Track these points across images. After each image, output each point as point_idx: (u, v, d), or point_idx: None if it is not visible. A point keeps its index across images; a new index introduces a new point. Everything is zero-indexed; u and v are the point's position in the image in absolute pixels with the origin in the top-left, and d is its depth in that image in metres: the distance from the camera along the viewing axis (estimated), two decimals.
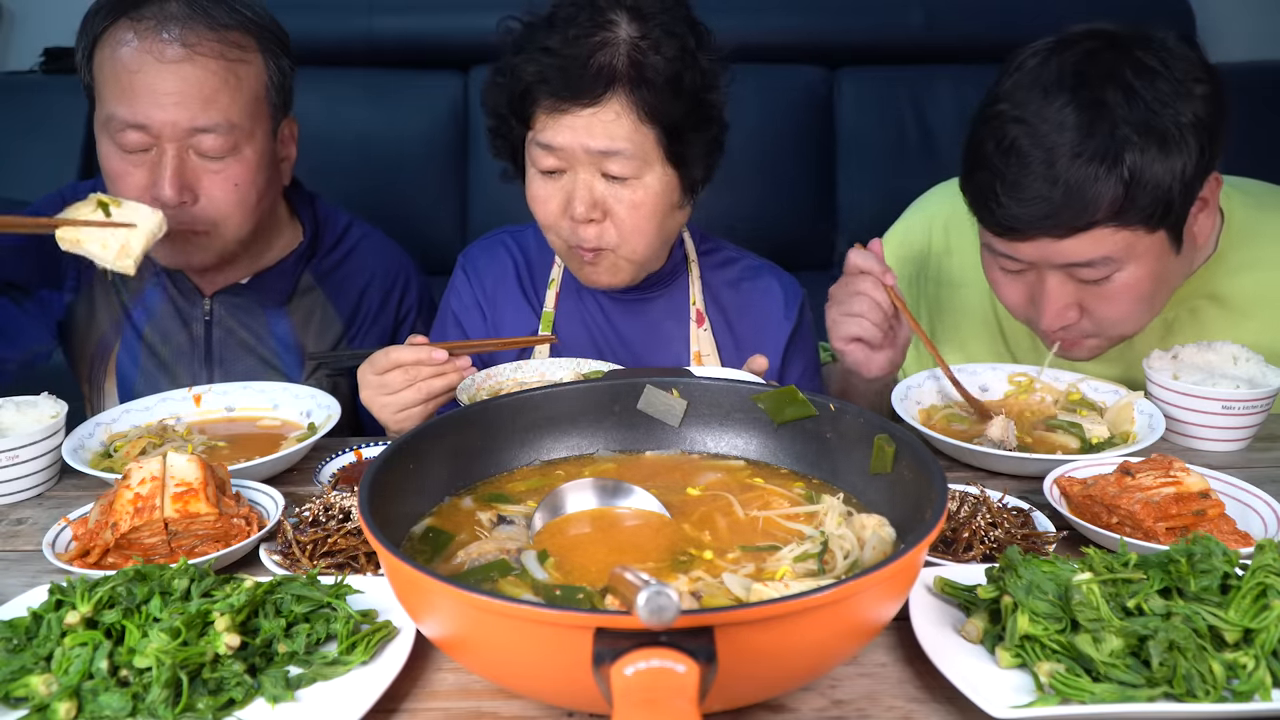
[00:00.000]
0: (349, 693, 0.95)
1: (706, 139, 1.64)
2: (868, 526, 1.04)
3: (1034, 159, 1.44)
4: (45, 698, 0.92)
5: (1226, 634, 0.95)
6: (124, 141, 1.64)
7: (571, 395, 1.24)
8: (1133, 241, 1.47)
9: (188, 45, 1.62)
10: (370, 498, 0.96)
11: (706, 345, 1.81)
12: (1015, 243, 1.51)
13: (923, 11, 3.65)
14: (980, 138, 1.51)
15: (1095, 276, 1.51)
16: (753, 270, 1.88)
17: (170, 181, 1.64)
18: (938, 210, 1.91)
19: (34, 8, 3.96)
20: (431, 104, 3.61)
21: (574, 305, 1.83)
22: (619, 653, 0.74)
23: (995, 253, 1.57)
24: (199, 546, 1.21)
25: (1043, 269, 1.54)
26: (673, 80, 1.55)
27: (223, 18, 1.67)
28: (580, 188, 1.60)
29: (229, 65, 1.66)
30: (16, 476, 1.41)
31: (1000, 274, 1.61)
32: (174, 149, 1.64)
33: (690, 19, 1.61)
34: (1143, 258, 1.49)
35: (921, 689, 0.99)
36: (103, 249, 1.51)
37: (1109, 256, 1.48)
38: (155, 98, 1.62)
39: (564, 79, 1.53)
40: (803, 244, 3.56)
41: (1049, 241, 1.48)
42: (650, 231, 1.64)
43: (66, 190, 1.89)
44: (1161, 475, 1.25)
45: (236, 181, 1.70)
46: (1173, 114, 1.42)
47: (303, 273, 1.91)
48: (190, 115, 1.63)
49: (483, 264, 1.89)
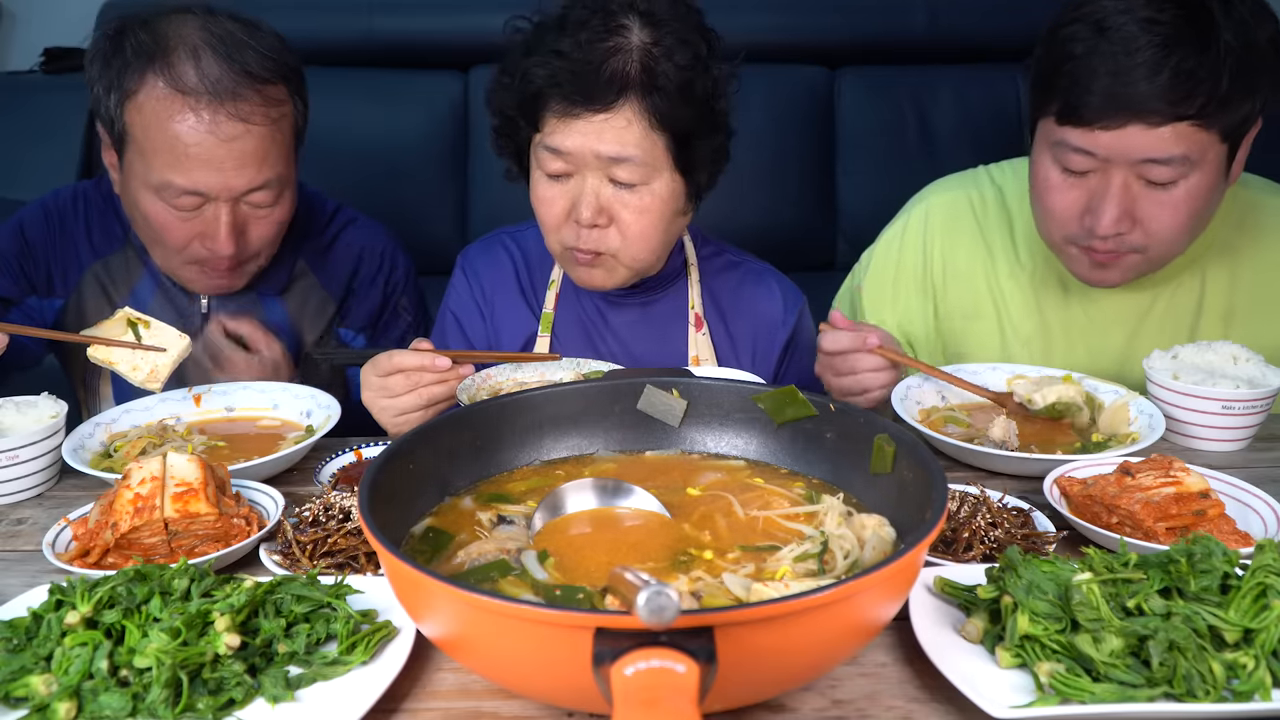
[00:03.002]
0: (349, 693, 0.95)
1: (714, 145, 1.64)
2: (868, 526, 1.04)
3: (1140, 45, 1.48)
4: (45, 698, 0.92)
5: (1226, 634, 0.95)
6: (178, 204, 1.67)
7: (571, 395, 1.24)
8: (1207, 146, 1.52)
9: (243, 117, 1.63)
10: (370, 498, 0.96)
11: (704, 349, 1.80)
12: (1099, 133, 1.53)
13: (924, 11, 3.65)
14: (1070, 35, 1.54)
15: (1166, 178, 1.54)
16: (754, 274, 1.88)
17: (228, 239, 1.68)
18: (935, 204, 1.91)
19: (34, 8, 3.96)
20: (431, 104, 3.60)
21: (573, 307, 1.83)
22: (619, 653, 0.74)
23: (1067, 149, 1.58)
24: (199, 546, 1.21)
25: (1111, 169, 1.56)
26: (684, 88, 1.55)
27: (258, 68, 1.65)
28: (587, 192, 1.59)
29: (274, 124, 1.68)
30: (16, 476, 1.41)
31: (1059, 178, 1.62)
32: (228, 206, 1.67)
33: (702, 26, 1.61)
34: (1208, 167, 1.54)
35: (921, 689, 0.99)
36: (133, 370, 1.54)
37: (1186, 155, 1.52)
38: (212, 166, 1.63)
39: (576, 84, 1.53)
40: (803, 244, 3.56)
41: (1138, 130, 1.51)
42: (653, 237, 1.64)
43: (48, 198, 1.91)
44: (1161, 475, 1.25)
45: (279, 220, 1.76)
46: (1262, 29, 1.50)
47: (296, 260, 1.93)
48: (247, 179, 1.66)
49: (481, 265, 1.89)
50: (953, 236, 1.89)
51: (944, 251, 1.89)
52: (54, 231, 1.88)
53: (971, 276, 1.87)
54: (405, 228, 3.53)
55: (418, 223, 3.56)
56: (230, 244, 1.69)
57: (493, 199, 3.57)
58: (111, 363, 1.53)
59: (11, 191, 3.22)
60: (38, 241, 1.88)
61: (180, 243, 1.70)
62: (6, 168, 3.42)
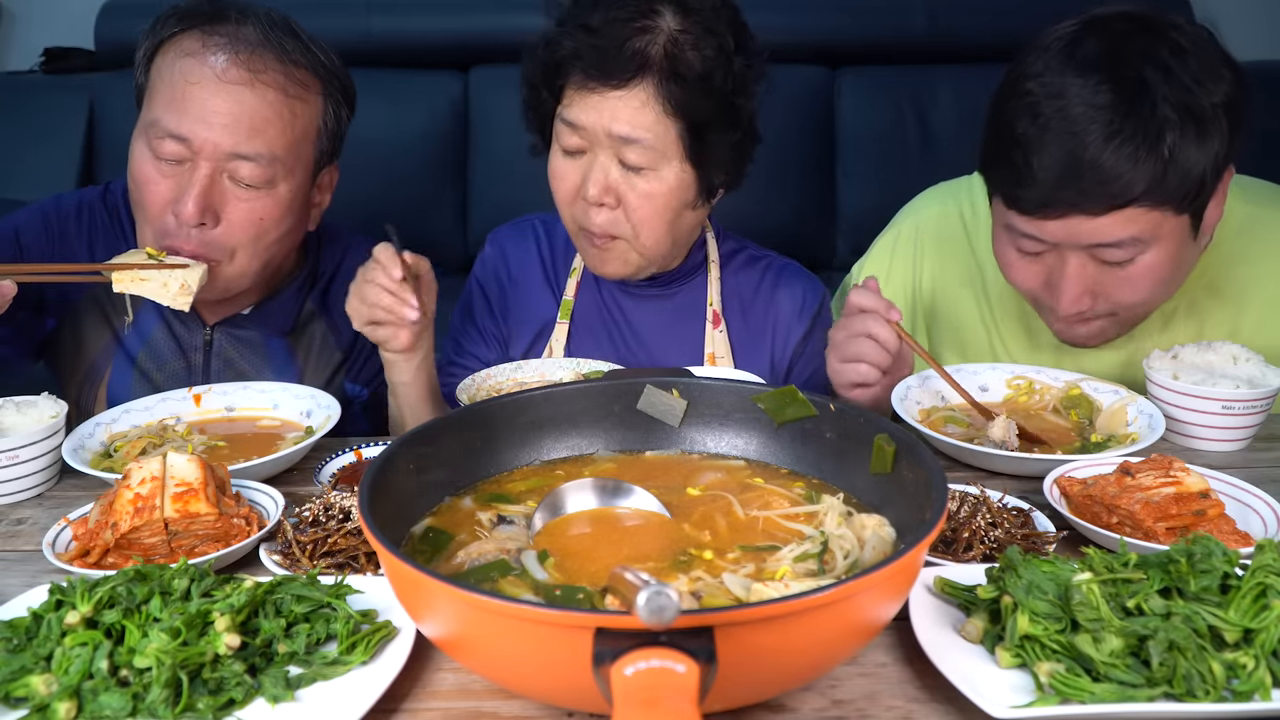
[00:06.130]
0: (349, 693, 0.95)
1: (730, 142, 1.64)
2: (868, 526, 1.05)
3: (1072, 136, 1.44)
4: (45, 698, 0.92)
5: (1226, 634, 0.95)
6: (160, 149, 1.60)
7: (571, 395, 1.24)
8: (1160, 223, 1.48)
9: (252, 70, 1.60)
10: (370, 498, 0.96)
11: (721, 347, 1.81)
12: (1043, 221, 1.50)
13: (924, 12, 3.65)
14: (1009, 117, 1.50)
15: (1120, 258, 1.51)
16: (775, 269, 1.89)
17: (195, 199, 1.59)
18: (925, 218, 1.91)
19: (34, 8, 3.96)
20: (431, 104, 3.60)
21: (593, 296, 1.84)
22: (619, 653, 0.74)
23: (1016, 233, 1.56)
24: (199, 546, 1.21)
25: (1065, 251, 1.53)
26: (704, 78, 1.56)
27: (294, 53, 1.65)
28: (596, 170, 1.61)
29: (287, 99, 1.64)
30: (16, 476, 1.41)
31: (1016, 256, 1.60)
32: (208, 168, 1.60)
33: (735, 21, 1.62)
34: (1166, 240, 1.50)
35: (921, 689, 0.99)
36: (164, 288, 1.57)
37: (1137, 237, 1.48)
38: (205, 114, 1.59)
39: (597, 58, 1.55)
40: (802, 244, 3.56)
41: (1080, 220, 1.47)
42: (660, 226, 1.64)
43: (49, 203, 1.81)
44: (1161, 475, 1.25)
45: (261, 216, 1.65)
46: (1207, 94, 1.43)
47: (305, 301, 1.86)
48: (235, 140, 1.59)
49: (509, 245, 1.91)
50: (943, 251, 1.88)
51: (934, 266, 1.88)
52: (53, 243, 1.76)
53: (962, 291, 1.86)
54: (405, 227, 3.54)
55: (418, 223, 3.56)
56: (195, 207, 1.58)
57: (493, 199, 3.57)
58: (142, 279, 1.56)
59: (11, 192, 3.22)
60: (34, 252, 1.74)
61: (154, 205, 1.62)
62: (6, 168, 3.42)
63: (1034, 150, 1.46)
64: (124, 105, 1.69)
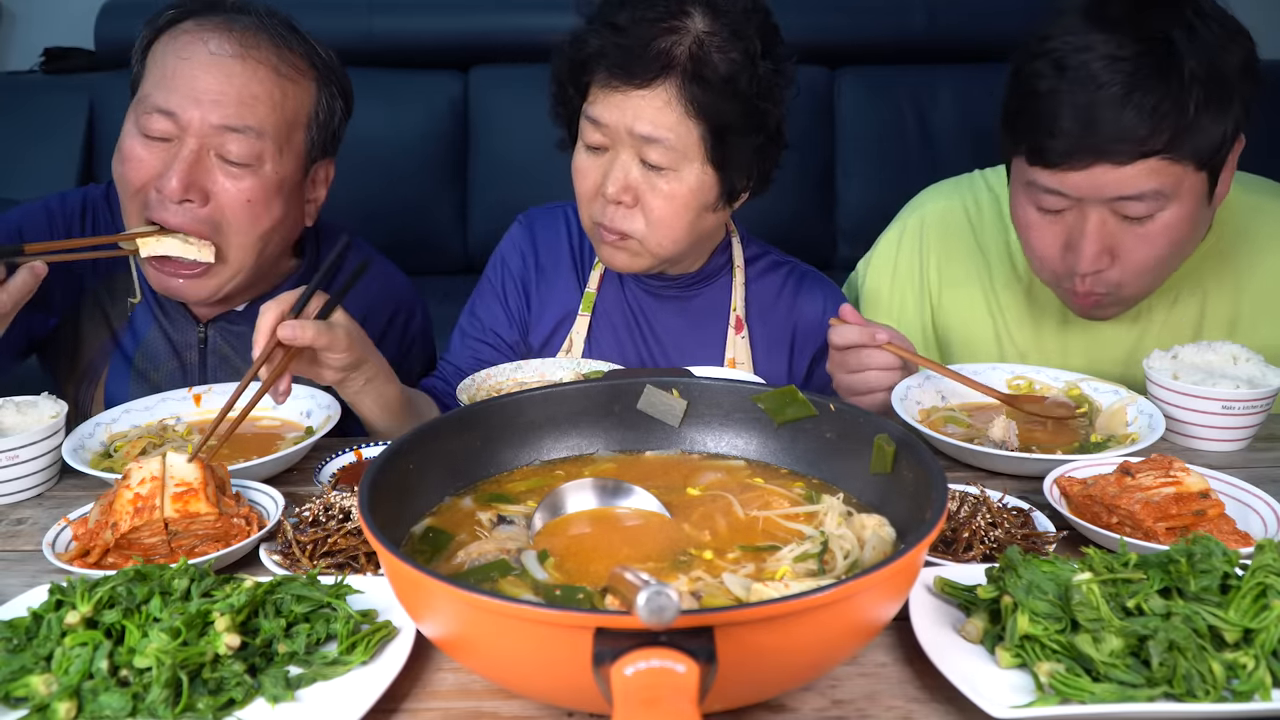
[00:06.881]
0: (349, 693, 0.95)
1: (754, 146, 1.64)
2: (868, 526, 1.04)
3: (1098, 86, 1.46)
4: (45, 698, 0.92)
5: (1226, 634, 0.95)
6: (148, 125, 1.59)
7: (571, 395, 1.24)
8: (1181, 178, 1.50)
9: (244, 46, 1.61)
10: (370, 498, 0.96)
11: (742, 352, 1.81)
12: (1066, 174, 1.51)
13: (924, 11, 3.65)
14: (1033, 73, 1.52)
15: (1141, 212, 1.52)
16: (797, 276, 1.89)
17: (180, 174, 1.57)
18: (930, 213, 1.91)
19: (34, 8, 3.97)
20: (431, 104, 3.61)
21: (615, 291, 1.85)
22: (619, 653, 0.74)
23: (1038, 189, 1.57)
24: (199, 546, 1.21)
25: (1086, 207, 1.54)
26: (729, 80, 1.56)
27: (290, 41, 1.66)
28: (617, 169, 1.62)
29: (278, 78, 1.63)
30: (16, 476, 1.41)
31: (1036, 217, 1.61)
32: (195, 144, 1.59)
33: (765, 25, 1.62)
34: (1185, 198, 1.52)
35: (921, 689, 0.99)
36: (186, 243, 1.61)
37: (1159, 190, 1.50)
38: (194, 91, 1.58)
39: (622, 56, 1.56)
40: (803, 243, 3.56)
41: (1104, 169, 1.49)
42: (678, 227, 1.64)
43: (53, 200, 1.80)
44: (1161, 475, 1.25)
45: (250, 197, 1.62)
46: (1228, 55, 1.47)
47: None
48: (223, 114, 1.58)
49: (539, 226, 1.91)
50: (948, 247, 1.88)
51: (940, 262, 1.89)
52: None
53: (968, 287, 1.87)
54: (405, 227, 3.55)
55: (417, 222, 3.57)
56: (179, 182, 1.56)
57: (493, 199, 3.57)
58: (163, 236, 1.60)
59: (11, 192, 3.22)
60: None
61: (137, 179, 1.60)
62: (6, 168, 3.42)
63: (1061, 100, 1.49)
64: (124, 105, 1.68)
